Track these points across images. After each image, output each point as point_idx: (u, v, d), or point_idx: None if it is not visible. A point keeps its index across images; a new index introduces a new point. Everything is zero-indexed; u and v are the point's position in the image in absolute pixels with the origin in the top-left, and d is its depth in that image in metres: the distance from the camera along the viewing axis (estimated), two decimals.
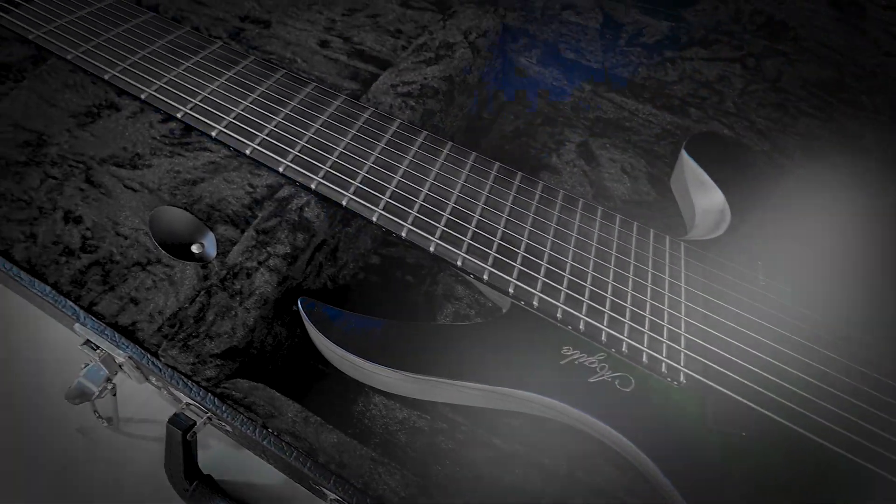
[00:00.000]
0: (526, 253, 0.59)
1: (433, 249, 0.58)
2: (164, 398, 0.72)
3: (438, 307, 0.72)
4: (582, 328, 0.56)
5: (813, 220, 0.68)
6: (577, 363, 0.55)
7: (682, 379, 0.54)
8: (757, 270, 0.63)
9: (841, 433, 0.51)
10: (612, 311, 0.57)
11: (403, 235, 0.59)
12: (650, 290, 0.59)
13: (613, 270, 0.60)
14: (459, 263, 0.58)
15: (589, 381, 0.54)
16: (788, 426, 0.52)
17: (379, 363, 0.55)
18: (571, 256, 0.60)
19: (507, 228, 0.61)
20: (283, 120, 0.65)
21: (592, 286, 0.58)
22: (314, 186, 0.61)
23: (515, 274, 0.58)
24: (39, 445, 0.69)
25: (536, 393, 0.54)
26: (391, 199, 0.61)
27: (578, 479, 0.61)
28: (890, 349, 0.57)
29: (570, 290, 0.58)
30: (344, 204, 0.60)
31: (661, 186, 0.83)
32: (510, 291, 0.57)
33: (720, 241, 0.65)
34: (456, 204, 0.61)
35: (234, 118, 0.65)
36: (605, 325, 0.56)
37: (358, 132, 0.66)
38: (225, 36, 0.93)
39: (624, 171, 0.85)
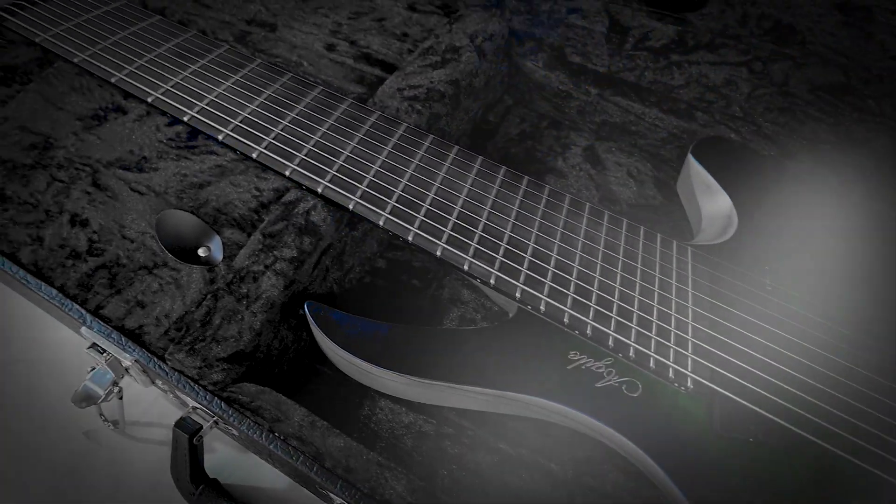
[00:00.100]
0: (533, 257, 0.59)
1: (440, 254, 0.58)
2: (169, 402, 0.72)
3: (444, 311, 0.72)
4: (589, 333, 0.55)
5: (820, 224, 0.68)
6: (584, 368, 0.55)
7: (689, 384, 0.54)
8: (764, 275, 0.63)
9: (849, 438, 0.51)
10: (619, 315, 0.57)
11: (410, 240, 0.59)
12: (657, 294, 0.59)
13: (620, 275, 0.60)
14: (466, 268, 0.58)
15: (596, 385, 0.54)
16: (796, 432, 0.52)
17: (385, 367, 0.55)
18: (578, 261, 0.60)
19: (513, 233, 0.61)
20: (289, 123, 0.65)
21: (599, 291, 0.58)
22: (321, 190, 0.61)
23: (522, 278, 0.58)
24: (45, 449, 0.69)
25: (543, 398, 0.54)
26: (398, 203, 0.61)
27: (585, 483, 0.61)
28: None
29: (577, 294, 0.57)
30: (350, 208, 0.60)
31: (667, 190, 0.83)
32: (517, 296, 0.57)
33: (727, 245, 0.65)
34: (462, 208, 0.61)
35: (240, 122, 0.65)
36: (612, 329, 0.56)
37: (364, 136, 0.66)
38: (231, 39, 0.93)
39: (630, 175, 0.85)
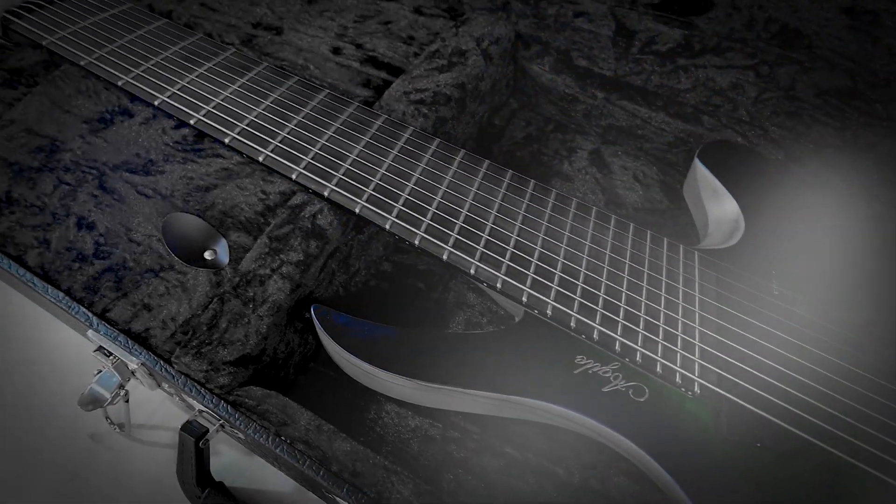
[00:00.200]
0: (539, 261, 0.59)
1: (446, 258, 0.58)
2: (176, 405, 0.72)
3: (450, 315, 0.72)
4: (596, 337, 0.55)
5: (827, 229, 0.68)
6: (590, 372, 0.55)
7: (696, 389, 0.54)
8: (771, 280, 0.62)
9: (856, 444, 0.51)
10: (625, 320, 0.57)
11: (416, 243, 0.59)
12: (664, 299, 0.59)
13: (627, 279, 0.60)
14: (472, 272, 0.58)
15: (602, 390, 0.54)
16: (803, 437, 0.51)
17: (391, 371, 0.55)
18: (585, 265, 0.60)
19: (520, 237, 0.61)
20: (295, 127, 0.65)
21: (606, 295, 0.58)
22: (327, 194, 0.61)
23: (529, 282, 0.57)
24: (52, 451, 0.69)
25: (549, 402, 0.53)
26: (404, 206, 0.61)
27: (591, 488, 0.61)
28: None
29: (583, 298, 0.57)
30: (357, 211, 0.60)
31: (673, 195, 0.83)
32: (523, 300, 0.57)
33: (734, 250, 0.65)
34: (469, 212, 0.61)
35: (246, 125, 0.65)
36: (618, 334, 0.56)
37: (371, 139, 0.66)
38: (237, 42, 0.94)
39: (636, 178, 0.85)
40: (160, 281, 0.66)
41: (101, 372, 0.63)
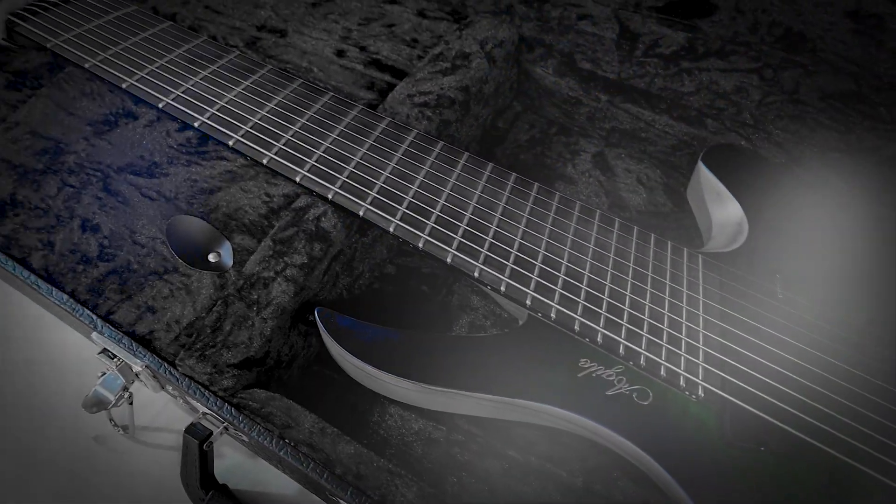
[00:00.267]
0: (543, 264, 0.59)
1: (450, 261, 0.58)
2: (179, 407, 0.72)
3: (454, 317, 0.72)
4: (599, 340, 0.55)
5: (831, 232, 0.68)
6: (594, 376, 0.55)
7: (700, 392, 0.54)
8: (775, 283, 0.62)
9: (860, 447, 0.51)
10: (629, 323, 0.57)
11: (420, 246, 0.59)
12: (668, 302, 0.59)
13: (631, 282, 0.60)
14: (476, 275, 0.58)
15: (606, 393, 0.54)
16: (807, 440, 0.51)
17: (395, 374, 0.55)
18: (589, 268, 0.60)
19: (524, 239, 0.61)
20: (299, 129, 0.65)
21: (610, 298, 0.58)
22: (331, 196, 0.62)
23: (533, 285, 0.57)
24: (55, 453, 0.69)
25: (553, 405, 0.53)
26: (408, 209, 0.61)
27: (595, 491, 0.61)
28: None
29: (587, 302, 0.57)
30: (361, 214, 0.60)
31: (677, 198, 0.83)
32: (527, 303, 0.57)
33: (738, 253, 0.65)
34: (473, 215, 0.61)
35: (251, 127, 0.65)
36: (622, 337, 0.56)
37: (374, 142, 0.66)
38: (241, 45, 0.94)
39: (640, 181, 0.85)
40: (164, 283, 0.66)
41: (105, 374, 0.63)
